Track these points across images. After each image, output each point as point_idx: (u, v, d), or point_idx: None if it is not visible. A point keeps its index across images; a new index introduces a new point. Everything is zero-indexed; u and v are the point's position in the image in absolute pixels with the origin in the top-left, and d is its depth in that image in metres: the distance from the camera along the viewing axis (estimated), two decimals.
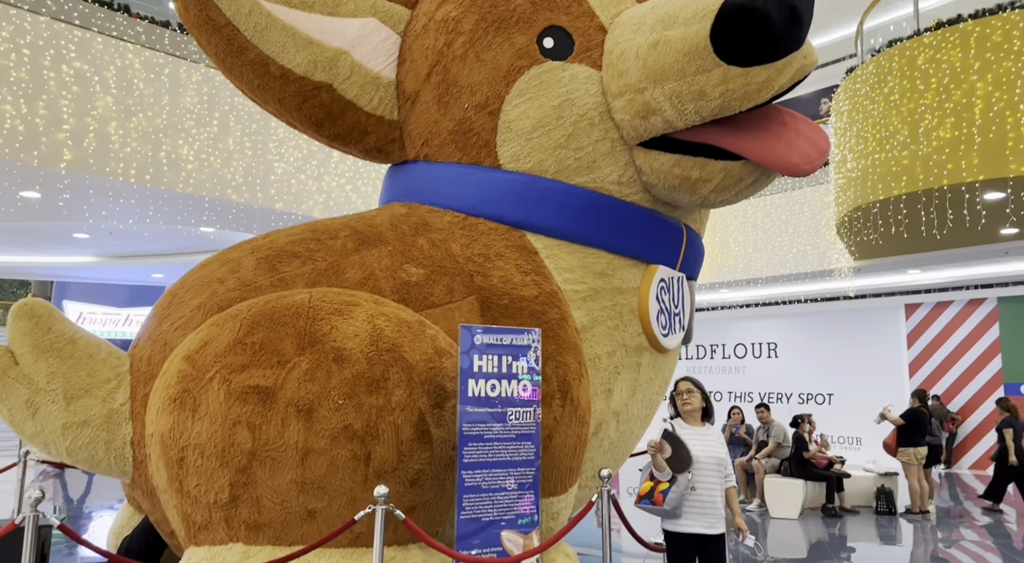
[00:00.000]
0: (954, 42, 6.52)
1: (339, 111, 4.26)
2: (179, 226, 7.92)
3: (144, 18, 6.77)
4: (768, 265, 11.89)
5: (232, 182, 7.23)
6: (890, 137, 7.06)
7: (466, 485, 3.07)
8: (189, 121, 6.96)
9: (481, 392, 3.19)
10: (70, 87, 6.21)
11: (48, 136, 6.05)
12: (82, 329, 3.77)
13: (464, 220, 4.09)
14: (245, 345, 3.16)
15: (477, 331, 3.25)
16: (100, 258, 11.52)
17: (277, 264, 3.71)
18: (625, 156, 4.04)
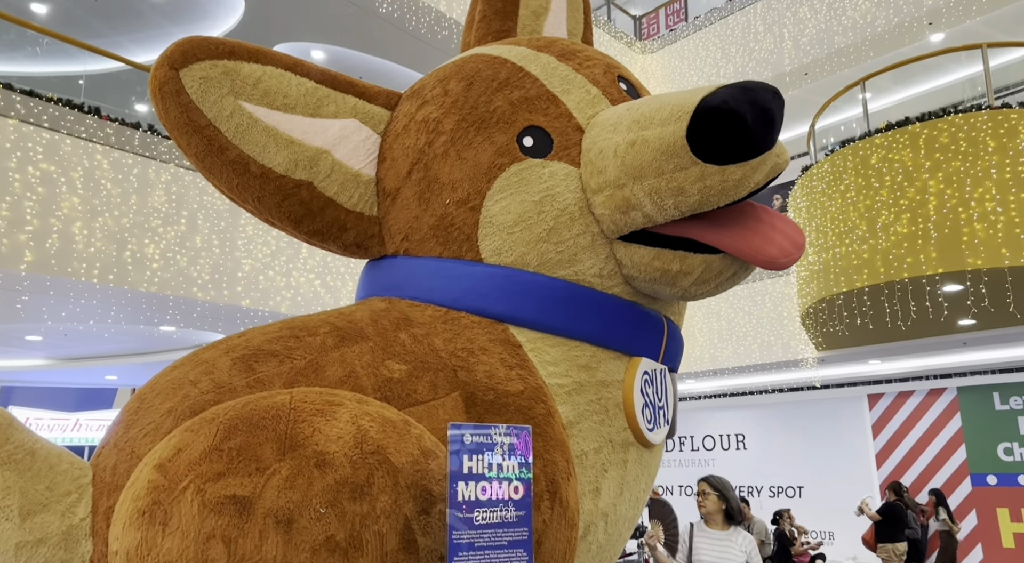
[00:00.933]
0: (904, 143, 6.86)
1: (319, 208, 4.24)
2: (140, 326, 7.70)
3: (115, 120, 6.79)
4: (734, 355, 11.98)
5: (198, 280, 7.11)
6: (849, 232, 7.30)
7: None
8: (156, 220, 6.89)
9: (471, 496, 3.04)
10: (35, 188, 6.13)
11: (10, 237, 5.91)
12: (43, 439, 3.54)
13: (446, 314, 4.03)
14: (222, 452, 2.98)
15: (466, 429, 3.13)
16: (51, 361, 11.10)
17: (253, 364, 3.58)
18: (605, 249, 4.07)
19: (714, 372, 12.44)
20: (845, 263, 7.27)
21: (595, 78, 4.25)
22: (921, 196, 6.67)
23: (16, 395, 14.69)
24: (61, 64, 9.58)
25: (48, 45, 9.48)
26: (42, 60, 9.86)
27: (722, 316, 12.17)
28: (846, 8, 11.45)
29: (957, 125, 6.55)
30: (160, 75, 3.98)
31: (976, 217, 6.31)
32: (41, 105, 6.28)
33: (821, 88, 11.49)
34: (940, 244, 6.47)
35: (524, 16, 4.54)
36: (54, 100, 6.43)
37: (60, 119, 6.41)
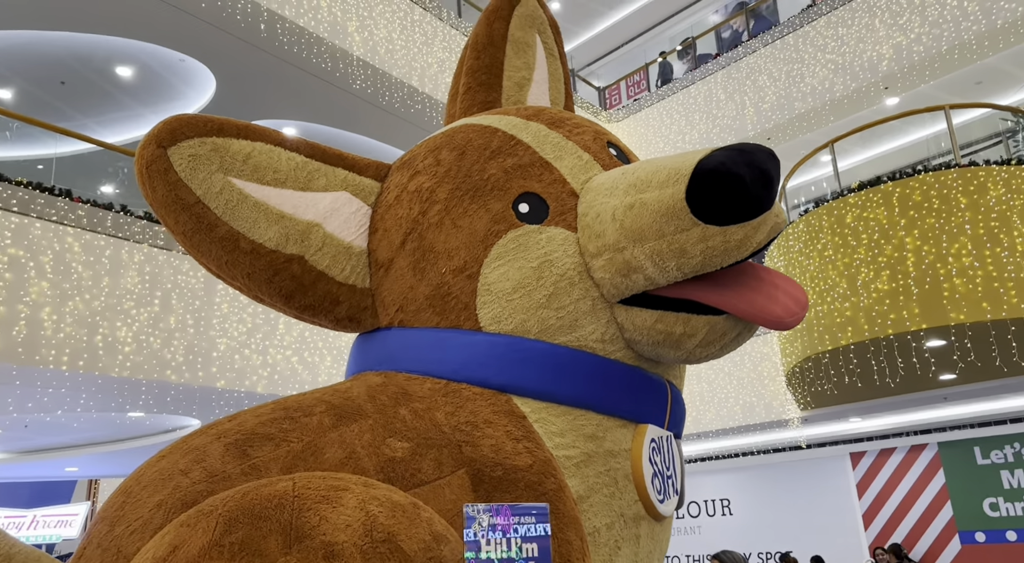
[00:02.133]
0: (878, 201, 7.00)
1: (310, 282, 4.12)
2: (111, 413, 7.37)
3: (86, 202, 6.65)
4: (716, 417, 11.88)
5: (172, 362, 6.86)
6: (829, 290, 7.36)
7: None
8: (129, 302, 6.67)
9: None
10: (2, 274, 5.91)
11: None
12: (20, 543, 3.29)
13: (446, 386, 3.89)
14: (223, 547, 2.77)
15: (483, 511, 2.97)
16: (9, 454, 10.57)
17: (247, 449, 3.38)
18: (606, 314, 4.00)
19: (697, 435, 12.31)
20: (828, 321, 7.30)
21: (586, 144, 4.26)
22: (899, 253, 6.76)
23: None
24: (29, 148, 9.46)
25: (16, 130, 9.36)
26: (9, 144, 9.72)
27: (703, 378, 12.11)
28: (804, 75, 11.89)
29: (928, 183, 6.71)
30: (147, 154, 3.88)
31: (955, 272, 6.40)
32: (10, 189, 6.13)
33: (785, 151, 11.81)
34: (922, 300, 6.54)
35: (508, 88, 4.57)
36: (23, 183, 6.28)
37: (30, 202, 6.25)
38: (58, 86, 10.40)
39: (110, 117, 10.89)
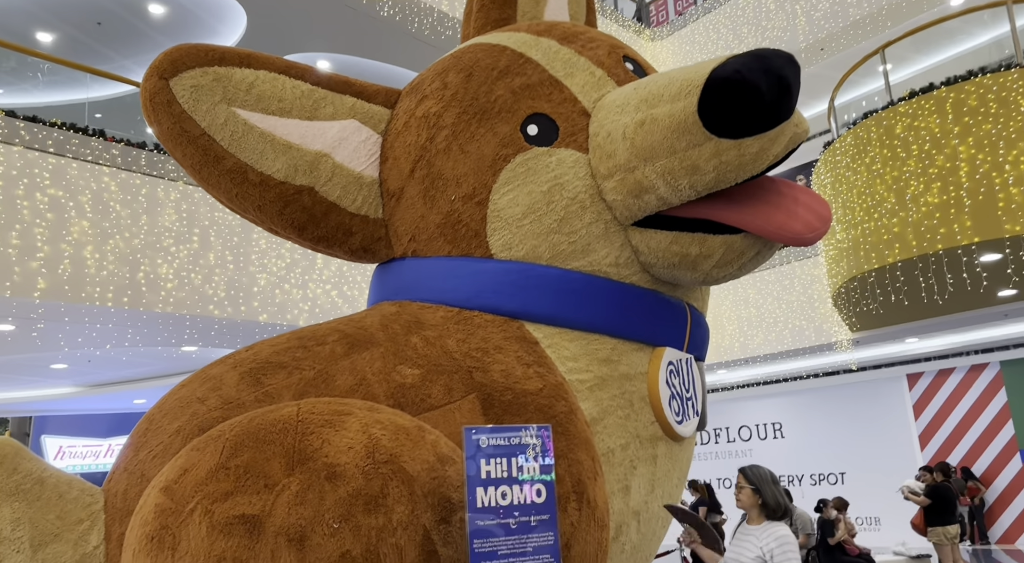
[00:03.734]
0: (930, 109, 6.59)
1: (322, 213, 4.11)
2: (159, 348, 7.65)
3: (120, 141, 6.74)
4: (764, 342, 11.70)
5: (214, 298, 7.04)
6: (877, 206, 7.04)
7: None
8: (168, 239, 6.83)
9: (491, 501, 2.87)
10: (44, 215, 6.09)
11: (21, 266, 5.87)
12: (52, 467, 3.45)
13: (458, 314, 3.88)
14: (228, 470, 2.85)
15: (482, 433, 2.97)
16: (79, 388, 11.14)
17: (261, 377, 3.45)
18: (620, 237, 3.90)
19: (745, 361, 12.16)
20: (875, 238, 7.01)
21: (599, 59, 4.06)
22: (951, 163, 6.39)
23: (50, 424, 14.79)
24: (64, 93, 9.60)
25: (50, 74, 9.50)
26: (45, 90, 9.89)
27: (751, 303, 11.89)
28: None
29: (986, 86, 6.27)
30: (150, 86, 3.84)
31: (1011, 181, 6.02)
32: (45, 130, 6.25)
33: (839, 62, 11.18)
34: (975, 212, 6.20)
35: (524, 3, 4.37)
36: (58, 124, 6.39)
37: (65, 143, 6.37)
38: (95, 27, 10.47)
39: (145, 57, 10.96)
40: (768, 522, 2.82)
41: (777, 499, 2.82)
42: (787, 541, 2.73)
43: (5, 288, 5.76)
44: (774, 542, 2.72)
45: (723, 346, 12.16)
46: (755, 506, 2.84)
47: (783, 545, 2.71)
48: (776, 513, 2.81)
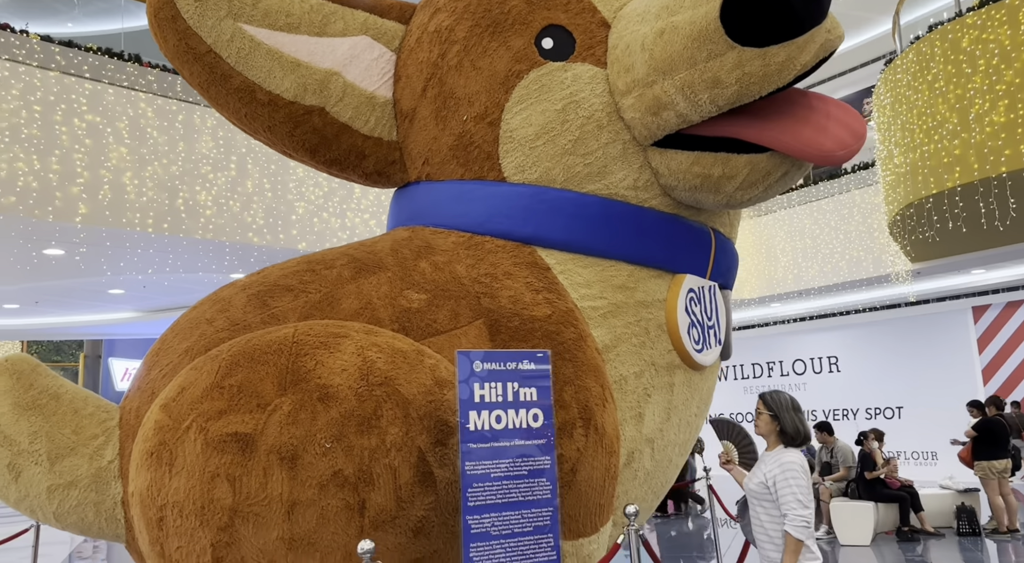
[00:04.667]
0: (1000, 19, 6.04)
1: (333, 135, 4.03)
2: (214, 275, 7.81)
3: (155, 66, 6.75)
4: (820, 274, 11.31)
5: (252, 225, 7.11)
6: (938, 127, 6.57)
7: (472, 532, 2.71)
8: (206, 166, 6.88)
9: (485, 425, 2.85)
10: (83, 140, 6.18)
11: (62, 191, 6.01)
12: (69, 383, 3.56)
13: (469, 240, 3.79)
14: (223, 389, 2.89)
15: (476, 357, 2.92)
16: (140, 313, 11.56)
17: (268, 300, 3.45)
18: (639, 158, 3.71)
19: (799, 293, 11.81)
20: (935, 162, 6.57)
21: None
22: (1021, 79, 5.88)
23: (117, 348, 15.50)
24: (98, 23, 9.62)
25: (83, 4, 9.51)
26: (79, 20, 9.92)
27: (806, 233, 11.46)
28: None
29: None
30: (154, 2, 3.76)
31: None
32: (81, 55, 6.29)
33: None
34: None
35: None
36: (94, 50, 6.42)
37: (101, 68, 6.40)
38: None
39: None
40: (781, 448, 2.72)
41: (796, 426, 2.71)
42: (791, 467, 2.62)
43: (47, 213, 5.92)
44: (777, 468, 2.62)
45: (776, 278, 11.81)
46: (773, 433, 2.74)
47: (785, 471, 2.61)
48: (795, 441, 2.71)
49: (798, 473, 2.58)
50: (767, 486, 2.64)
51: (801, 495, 2.55)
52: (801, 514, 2.55)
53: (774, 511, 2.64)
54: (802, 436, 2.72)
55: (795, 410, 2.76)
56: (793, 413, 2.75)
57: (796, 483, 2.56)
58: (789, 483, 2.56)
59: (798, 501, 2.55)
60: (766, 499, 2.67)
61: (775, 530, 2.65)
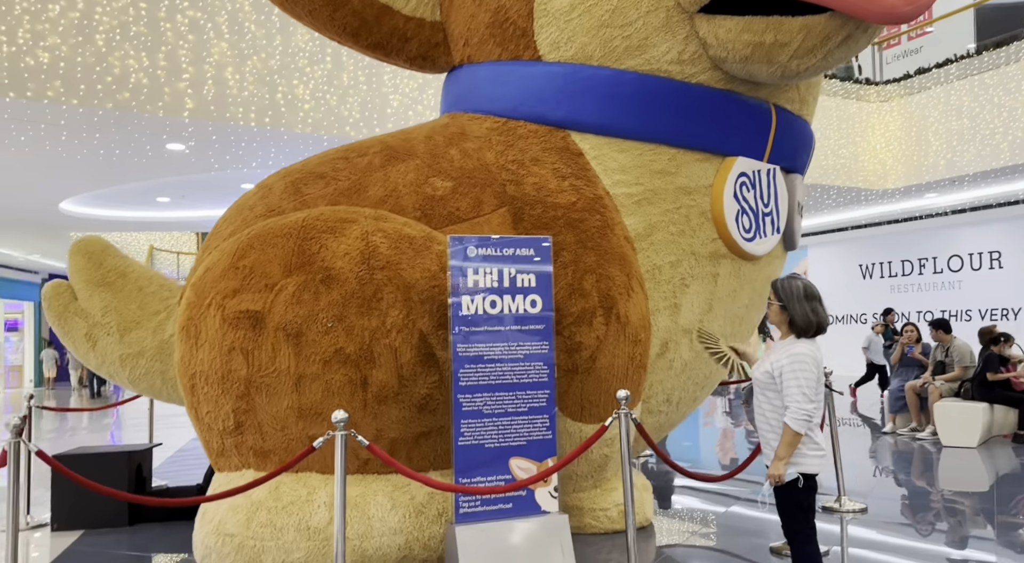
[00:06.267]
0: None
1: (374, 17, 3.97)
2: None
3: None
4: (977, 159, 10.11)
5: (349, 119, 7.25)
6: None
7: (464, 410, 2.76)
8: (302, 60, 7.03)
9: (478, 309, 2.83)
10: (186, 36, 6.46)
11: (170, 86, 6.37)
12: (136, 263, 3.90)
13: (504, 125, 3.69)
14: (238, 269, 3.04)
15: (470, 242, 2.88)
16: None
17: (302, 187, 3.56)
18: (685, 27, 3.40)
19: (951, 181, 10.67)
20: None
21: None
22: None
23: None
24: None
25: None
26: None
27: (964, 112, 10.21)
28: None
29: None
30: None
31: None
32: None
33: None
34: None
35: None
36: None
37: None
38: None
39: None
40: (793, 338, 2.55)
41: (808, 317, 2.51)
42: (800, 359, 2.44)
43: (158, 108, 6.32)
44: (786, 358, 2.46)
45: (926, 164, 10.70)
46: (784, 323, 2.56)
47: (794, 362, 2.44)
48: (807, 332, 2.52)
49: (807, 365, 2.42)
50: (773, 376, 2.51)
51: (807, 388, 2.40)
52: (804, 407, 2.40)
53: (777, 401, 2.51)
54: (814, 327, 2.52)
55: (807, 299, 2.54)
56: (805, 302, 2.53)
57: (804, 375, 2.41)
58: (797, 374, 2.41)
59: (803, 394, 2.40)
60: (770, 388, 2.53)
61: (777, 420, 2.52)
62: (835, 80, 10.90)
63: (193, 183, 9.65)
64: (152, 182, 9.49)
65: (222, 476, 3.05)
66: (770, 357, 2.58)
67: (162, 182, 9.56)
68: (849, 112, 10.98)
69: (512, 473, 2.79)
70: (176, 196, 10.93)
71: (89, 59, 6.05)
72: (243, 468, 2.98)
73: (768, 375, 2.52)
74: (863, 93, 11.08)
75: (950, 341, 6.66)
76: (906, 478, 5.30)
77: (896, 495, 4.76)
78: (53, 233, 13.15)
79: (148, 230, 14.99)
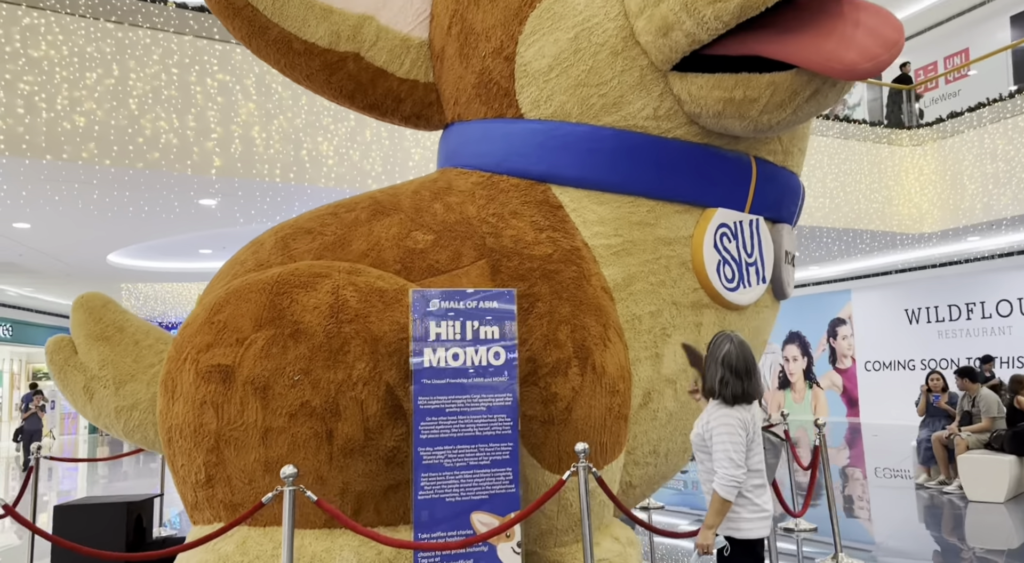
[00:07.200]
0: None
1: (369, 80, 4.13)
2: None
3: None
4: (1014, 202, 9.85)
5: (371, 172, 7.46)
6: None
7: (424, 463, 2.78)
8: (327, 118, 7.29)
9: (440, 362, 2.87)
10: (215, 98, 6.78)
11: (199, 145, 6.67)
12: (134, 317, 4.05)
13: (488, 179, 3.77)
14: (212, 324, 3.15)
15: (433, 295, 2.94)
16: None
17: (290, 242, 3.68)
18: (659, 85, 3.46)
19: (989, 225, 10.39)
20: None
21: None
22: None
23: None
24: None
25: None
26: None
27: (999, 155, 10.00)
28: None
29: None
30: None
31: None
32: (210, 18, 6.85)
33: None
34: None
35: None
36: None
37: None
38: None
39: None
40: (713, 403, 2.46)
41: (714, 384, 2.38)
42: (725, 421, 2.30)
43: (187, 166, 6.62)
44: (714, 421, 2.36)
45: (962, 208, 10.46)
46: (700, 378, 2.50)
47: (720, 425, 2.32)
48: (711, 395, 2.42)
49: (734, 428, 2.32)
50: (704, 439, 2.43)
51: (734, 453, 2.30)
52: (731, 473, 2.29)
53: (709, 463, 2.43)
54: (719, 397, 2.42)
55: (723, 365, 2.40)
56: (721, 368, 2.42)
57: (731, 439, 2.31)
58: (723, 438, 2.32)
59: (729, 459, 2.30)
60: (703, 450, 2.46)
61: (710, 484, 2.44)
62: (865, 125, 10.80)
63: (232, 235, 9.99)
64: (193, 234, 9.87)
65: (197, 529, 3.11)
66: (703, 417, 2.51)
67: (203, 234, 9.93)
68: (881, 156, 10.84)
69: (474, 528, 2.78)
70: (217, 248, 11.32)
71: (122, 122, 6.39)
72: (215, 521, 3.04)
73: (700, 438, 2.45)
74: (895, 137, 10.94)
75: (976, 390, 6.40)
76: (922, 533, 5.08)
77: (904, 550, 4.57)
78: (104, 284, 13.70)
79: (194, 281, 15.48)
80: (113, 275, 12.53)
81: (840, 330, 16.76)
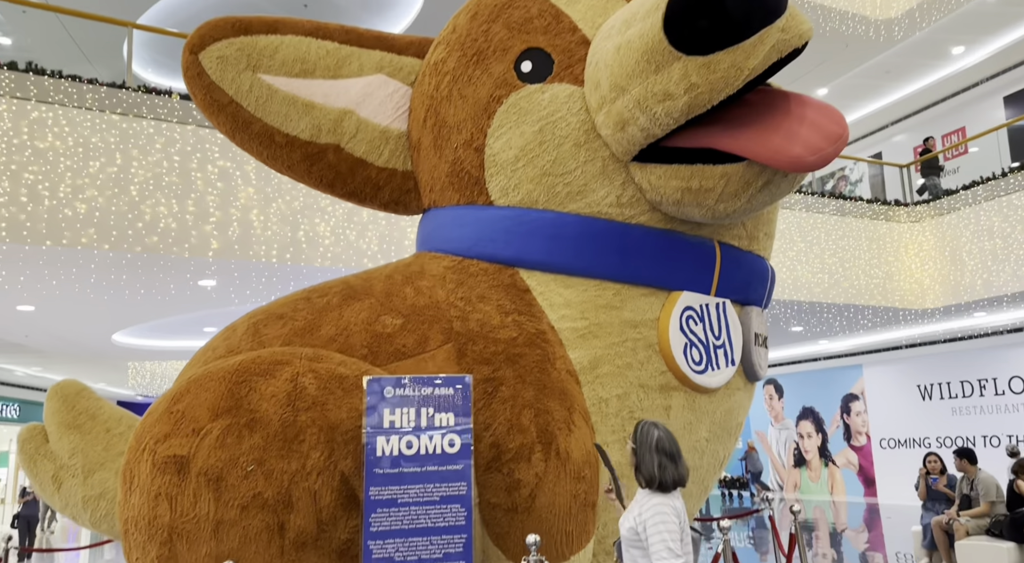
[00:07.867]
0: None
1: (348, 170, 4.25)
2: None
3: None
4: (1013, 279, 9.81)
5: (367, 251, 7.59)
6: None
7: (374, 557, 2.73)
8: (324, 200, 7.47)
9: (393, 451, 2.86)
10: (215, 184, 6.99)
11: (197, 229, 6.84)
12: (108, 404, 4.08)
13: (459, 264, 3.83)
14: (171, 413, 3.16)
15: (387, 383, 2.95)
16: None
17: (261, 328, 3.73)
18: (621, 175, 3.55)
19: (989, 301, 10.33)
20: None
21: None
22: None
23: None
24: None
25: None
26: None
27: (996, 233, 10.01)
28: None
29: None
30: (183, 61, 4.21)
31: None
32: None
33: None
34: None
35: None
36: None
37: None
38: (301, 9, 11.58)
39: None
40: (643, 493, 2.41)
41: (652, 471, 2.33)
42: (660, 511, 2.27)
43: (184, 249, 6.77)
44: (648, 512, 2.32)
45: (963, 284, 10.42)
46: (631, 467, 2.45)
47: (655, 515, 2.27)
48: (650, 484, 2.38)
49: (668, 516, 2.29)
50: (637, 532, 2.37)
51: (672, 542, 2.26)
52: None
53: (644, 560, 2.36)
54: (656, 482, 2.38)
55: (658, 451, 2.38)
56: (656, 454, 2.40)
57: (666, 528, 2.27)
58: (658, 528, 2.27)
59: (668, 549, 2.25)
60: (635, 546, 2.39)
61: None
62: (862, 201, 10.89)
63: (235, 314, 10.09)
64: (197, 313, 9.99)
65: None
66: (633, 509, 2.46)
67: (207, 313, 10.05)
68: (879, 233, 10.88)
69: None
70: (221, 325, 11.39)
71: (122, 208, 6.59)
72: None
73: (633, 531, 2.39)
74: (892, 214, 11.01)
75: (975, 473, 6.22)
76: None
77: None
78: (110, 364, 13.81)
79: None
80: (119, 354, 12.63)
81: (853, 406, 16.47)
